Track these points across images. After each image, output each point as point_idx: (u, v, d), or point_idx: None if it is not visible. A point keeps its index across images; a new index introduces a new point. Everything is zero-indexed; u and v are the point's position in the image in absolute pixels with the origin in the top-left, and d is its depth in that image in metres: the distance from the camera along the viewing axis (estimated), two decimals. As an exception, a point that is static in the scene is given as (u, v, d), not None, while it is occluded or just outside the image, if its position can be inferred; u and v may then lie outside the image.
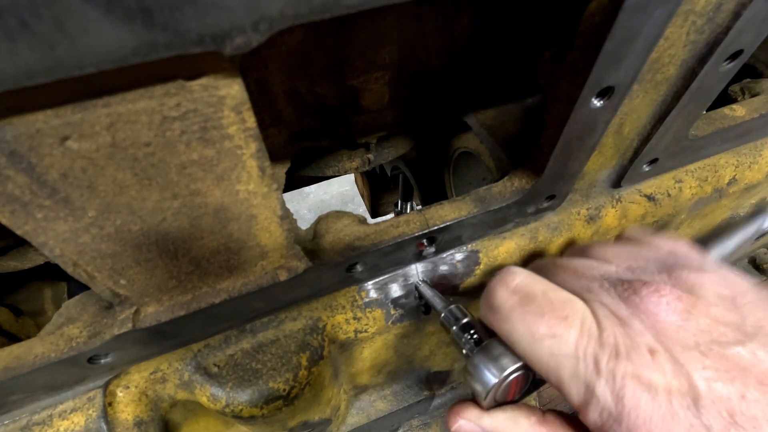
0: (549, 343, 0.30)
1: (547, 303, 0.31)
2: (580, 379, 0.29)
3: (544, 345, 0.30)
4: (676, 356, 0.27)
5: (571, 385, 0.29)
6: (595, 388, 0.28)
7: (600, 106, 0.33)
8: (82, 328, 0.34)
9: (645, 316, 0.29)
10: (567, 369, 0.29)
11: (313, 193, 2.97)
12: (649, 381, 0.26)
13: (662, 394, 0.26)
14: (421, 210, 0.41)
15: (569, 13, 0.30)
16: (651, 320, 0.28)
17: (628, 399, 0.26)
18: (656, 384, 0.26)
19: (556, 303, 0.31)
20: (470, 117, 0.47)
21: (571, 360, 0.29)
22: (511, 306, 0.33)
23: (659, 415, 0.26)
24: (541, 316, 0.31)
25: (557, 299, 0.31)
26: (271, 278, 0.36)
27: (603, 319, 0.29)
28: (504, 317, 0.33)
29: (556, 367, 0.30)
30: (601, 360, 0.28)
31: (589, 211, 0.50)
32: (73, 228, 0.25)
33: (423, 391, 0.74)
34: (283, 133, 0.41)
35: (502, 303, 0.33)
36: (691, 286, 0.30)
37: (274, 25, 0.18)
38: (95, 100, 0.20)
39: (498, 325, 0.34)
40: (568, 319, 0.30)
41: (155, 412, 0.42)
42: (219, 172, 0.26)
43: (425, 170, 0.78)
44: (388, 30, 0.35)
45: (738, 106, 0.50)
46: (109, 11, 0.15)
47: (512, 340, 0.33)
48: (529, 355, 0.31)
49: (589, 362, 0.28)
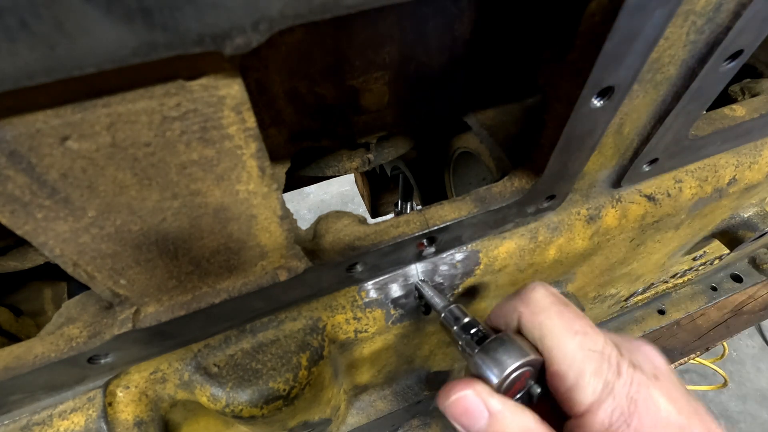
0: (581, 338, 0.33)
1: (581, 313, 0.36)
2: (602, 376, 0.32)
3: (576, 338, 0.33)
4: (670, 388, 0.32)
5: (590, 381, 0.31)
6: (614, 386, 0.31)
7: (600, 106, 0.33)
8: (82, 328, 0.34)
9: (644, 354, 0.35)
10: (592, 363, 0.32)
11: (313, 193, 2.97)
12: (657, 398, 0.31)
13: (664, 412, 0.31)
14: (421, 210, 0.41)
15: (569, 13, 0.30)
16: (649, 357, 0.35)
17: (641, 403, 0.30)
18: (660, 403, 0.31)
19: (586, 318, 0.36)
20: (470, 117, 0.47)
21: (598, 356, 0.32)
22: (550, 302, 0.36)
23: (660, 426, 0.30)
24: (577, 317, 0.35)
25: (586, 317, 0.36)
26: (271, 278, 0.36)
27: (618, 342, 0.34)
28: (542, 308, 0.35)
29: (583, 359, 0.32)
30: (622, 365, 0.32)
31: (589, 211, 0.50)
32: (73, 228, 0.24)
33: (423, 391, 0.74)
34: (283, 133, 0.41)
35: (542, 298, 0.36)
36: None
37: (274, 25, 0.18)
38: (95, 100, 0.20)
39: (532, 316, 0.36)
40: (596, 329, 0.34)
41: (155, 412, 0.42)
42: (219, 172, 0.26)
43: (425, 170, 0.78)
44: (388, 30, 0.35)
45: (738, 106, 0.50)
46: (109, 11, 0.15)
47: (544, 329, 0.35)
48: (557, 345, 0.34)
49: (612, 363, 0.32)
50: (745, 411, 2.24)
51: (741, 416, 2.22)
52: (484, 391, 0.34)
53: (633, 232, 0.55)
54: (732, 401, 2.27)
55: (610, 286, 0.76)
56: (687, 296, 1.10)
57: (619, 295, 0.86)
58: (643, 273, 0.77)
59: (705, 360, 1.63)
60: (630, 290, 0.86)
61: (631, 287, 0.84)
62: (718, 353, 1.57)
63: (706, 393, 2.23)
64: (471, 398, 0.33)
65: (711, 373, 2.25)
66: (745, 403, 2.26)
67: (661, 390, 0.31)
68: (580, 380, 0.32)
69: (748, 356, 2.42)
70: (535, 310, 0.35)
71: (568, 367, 0.32)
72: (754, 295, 1.14)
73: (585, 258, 0.56)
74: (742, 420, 2.21)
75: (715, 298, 1.10)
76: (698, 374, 2.28)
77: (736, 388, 2.30)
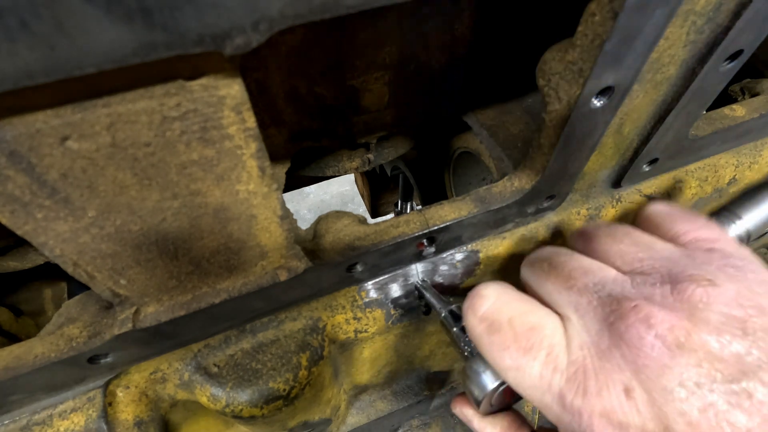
0: (513, 374, 0.30)
1: (512, 333, 0.31)
2: (546, 409, 0.29)
3: (509, 376, 0.30)
4: (654, 397, 0.24)
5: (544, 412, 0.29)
6: (560, 421, 0.28)
7: (600, 106, 0.33)
8: (82, 328, 0.34)
9: (627, 349, 0.26)
10: (533, 399, 0.29)
11: (313, 193, 2.97)
12: (619, 422, 0.25)
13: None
14: (421, 210, 0.41)
15: (569, 13, 0.30)
16: (633, 354, 0.26)
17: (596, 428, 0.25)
18: (628, 424, 0.24)
19: (520, 332, 0.30)
20: (470, 117, 0.47)
21: (536, 391, 0.29)
22: (479, 334, 0.33)
23: None
24: (505, 348, 0.30)
25: (522, 327, 0.31)
26: (271, 278, 0.36)
27: (576, 350, 0.28)
28: (475, 340, 0.33)
29: (525, 396, 0.30)
30: (566, 396, 0.27)
31: (589, 211, 0.50)
32: (73, 228, 0.24)
33: (423, 391, 0.74)
34: (283, 133, 0.41)
35: (472, 329, 0.34)
36: (695, 304, 0.26)
37: (274, 25, 0.18)
38: (95, 100, 0.20)
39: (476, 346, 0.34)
40: (532, 350, 0.29)
41: (155, 412, 0.42)
42: (219, 172, 0.26)
43: (425, 170, 0.78)
44: (388, 30, 0.35)
45: (738, 106, 0.50)
46: (109, 11, 0.15)
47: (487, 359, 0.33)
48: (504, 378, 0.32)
49: (554, 395, 0.28)
50: (745, 411, 2.23)
51: (741, 416, 2.22)
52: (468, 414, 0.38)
53: (633, 232, 0.55)
54: (732, 401, 2.26)
55: (610, 286, 0.76)
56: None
57: (619, 295, 0.85)
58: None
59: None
60: (630, 290, 0.86)
61: (631, 287, 0.84)
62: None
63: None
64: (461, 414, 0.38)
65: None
66: (745, 403, 2.26)
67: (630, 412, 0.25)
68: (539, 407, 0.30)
69: None
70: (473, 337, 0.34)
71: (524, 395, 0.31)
72: (754, 295, 1.14)
73: (585, 258, 0.56)
74: (742, 420, 2.21)
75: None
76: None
77: (736, 388, 2.30)
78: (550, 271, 0.34)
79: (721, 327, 0.25)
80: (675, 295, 0.27)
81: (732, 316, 0.25)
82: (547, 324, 0.30)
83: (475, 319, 0.33)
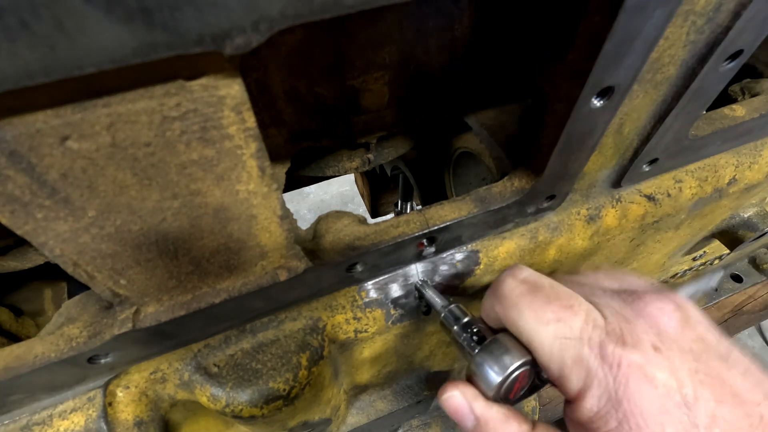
0: (554, 327, 0.31)
1: (554, 293, 0.33)
2: (583, 363, 0.30)
3: (550, 328, 0.31)
4: (673, 357, 0.29)
5: (572, 370, 0.30)
6: (597, 373, 0.29)
7: (600, 106, 0.33)
8: (82, 328, 0.34)
9: (649, 318, 0.31)
10: (571, 352, 0.30)
11: (313, 193, 2.97)
12: (652, 375, 0.28)
13: (661, 389, 0.28)
14: (421, 210, 0.41)
15: (569, 13, 0.30)
16: (653, 322, 0.31)
17: (632, 386, 0.28)
18: (657, 379, 0.28)
19: (562, 294, 0.33)
20: (470, 117, 0.47)
21: (576, 343, 0.30)
22: (519, 293, 0.34)
23: (656, 407, 0.27)
24: (548, 303, 0.32)
25: (563, 292, 0.33)
26: (271, 278, 0.36)
27: (609, 315, 0.31)
28: (512, 304, 0.34)
29: (560, 349, 0.31)
30: (607, 346, 0.29)
31: (589, 211, 0.50)
32: (73, 228, 0.24)
33: (423, 391, 0.74)
34: (283, 133, 0.41)
35: (511, 291, 0.34)
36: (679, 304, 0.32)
37: (274, 25, 0.18)
38: (95, 100, 0.20)
39: (504, 313, 0.34)
40: (574, 308, 0.32)
41: (155, 412, 0.42)
42: (219, 172, 0.26)
43: (425, 170, 0.78)
44: (388, 30, 0.35)
45: (738, 106, 0.50)
46: (109, 11, 0.15)
47: (518, 326, 0.33)
48: (534, 340, 0.32)
49: (594, 346, 0.30)
50: (745, 411, 2.24)
51: (741, 416, 2.22)
52: (470, 395, 0.35)
53: (633, 232, 0.55)
54: (732, 401, 2.27)
55: (610, 286, 0.76)
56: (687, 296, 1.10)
57: (619, 295, 0.85)
58: (643, 273, 0.77)
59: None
60: (630, 290, 0.86)
61: (631, 287, 0.84)
62: (718, 353, 1.57)
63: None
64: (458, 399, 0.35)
65: (711, 373, 2.25)
66: (745, 403, 2.26)
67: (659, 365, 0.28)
68: (563, 370, 0.31)
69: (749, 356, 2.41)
70: (507, 305, 0.34)
71: (548, 360, 0.32)
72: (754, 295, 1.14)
73: (585, 258, 0.56)
74: (742, 420, 2.21)
75: (715, 298, 1.10)
76: (698, 374, 2.28)
77: (736, 388, 2.30)
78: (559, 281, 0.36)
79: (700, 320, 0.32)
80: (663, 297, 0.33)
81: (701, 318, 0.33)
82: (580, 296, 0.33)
83: (516, 281, 0.35)
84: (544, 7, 0.39)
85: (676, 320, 0.31)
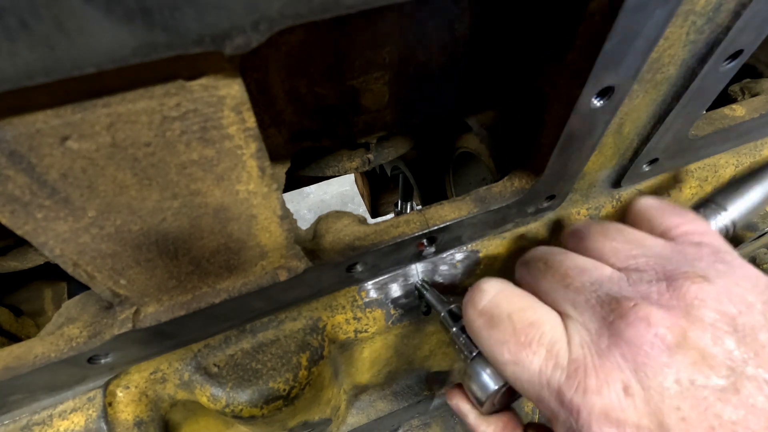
0: (512, 369, 0.30)
1: (511, 328, 0.31)
2: (544, 403, 0.29)
3: (508, 370, 0.31)
4: (651, 394, 0.25)
5: (538, 407, 0.30)
6: (559, 414, 0.28)
7: (600, 106, 0.33)
8: (82, 328, 0.34)
9: (627, 347, 0.26)
10: (531, 394, 0.29)
11: (313, 193, 2.97)
12: (617, 419, 0.25)
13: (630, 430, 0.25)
14: (421, 210, 0.41)
15: (569, 13, 0.30)
16: (633, 353, 0.26)
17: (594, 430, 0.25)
18: (625, 421, 0.25)
19: (519, 328, 0.30)
20: (470, 117, 0.47)
21: (535, 387, 0.29)
22: (478, 328, 0.33)
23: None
24: (504, 342, 0.31)
25: (522, 323, 0.31)
26: (271, 278, 0.36)
27: (577, 347, 0.28)
28: (474, 334, 0.34)
29: (521, 390, 0.30)
30: (565, 393, 0.27)
31: (589, 211, 0.50)
32: (73, 228, 0.24)
33: (423, 391, 0.74)
34: (283, 133, 0.41)
35: (472, 323, 0.34)
36: (690, 302, 0.27)
37: (274, 25, 0.18)
38: (95, 100, 0.20)
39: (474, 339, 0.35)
40: (532, 346, 0.29)
41: (155, 412, 0.42)
42: (219, 172, 0.26)
43: (425, 170, 0.78)
44: (388, 30, 0.35)
45: (738, 106, 0.50)
46: (109, 11, 0.15)
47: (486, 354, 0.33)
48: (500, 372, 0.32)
49: (552, 391, 0.28)
50: (745, 411, 2.24)
51: (741, 416, 2.22)
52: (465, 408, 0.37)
53: (633, 232, 0.55)
54: (732, 401, 2.27)
55: (610, 286, 0.76)
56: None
57: (619, 295, 0.85)
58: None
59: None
60: (630, 290, 0.86)
61: (631, 287, 0.84)
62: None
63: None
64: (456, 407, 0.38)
65: (711, 373, 2.24)
66: (745, 403, 2.26)
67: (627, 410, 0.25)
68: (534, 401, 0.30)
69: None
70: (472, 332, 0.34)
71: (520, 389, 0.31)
72: (754, 295, 1.14)
73: (585, 258, 0.56)
74: (742, 420, 2.21)
75: (715, 298, 1.09)
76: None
77: (736, 388, 2.30)
78: (546, 270, 0.34)
79: (715, 324, 0.26)
80: (671, 292, 0.28)
81: (724, 312, 0.26)
82: (546, 320, 0.31)
83: (475, 312, 0.33)
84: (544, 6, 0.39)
85: (664, 346, 0.26)
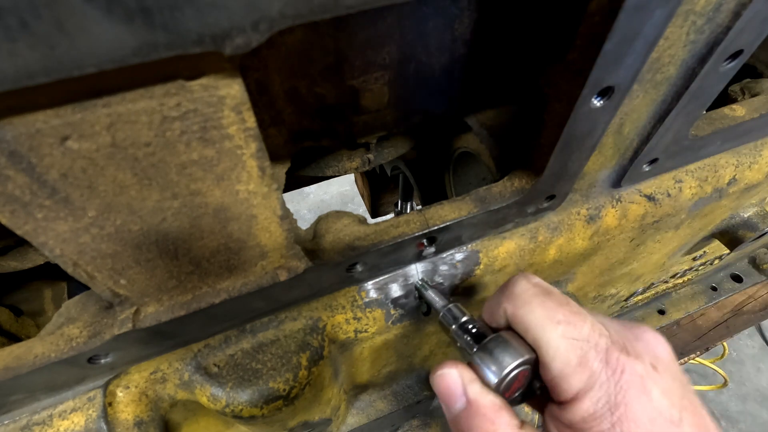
0: (564, 327, 0.33)
1: (564, 300, 0.35)
2: (588, 365, 0.31)
3: (559, 328, 0.33)
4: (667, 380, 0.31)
5: (575, 371, 0.31)
6: (600, 375, 0.31)
7: (600, 106, 0.33)
8: (82, 328, 0.34)
9: (646, 342, 0.34)
10: (577, 352, 0.32)
11: (313, 193, 2.97)
12: (650, 389, 0.30)
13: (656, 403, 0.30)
14: (421, 210, 0.41)
15: (569, 14, 0.30)
16: (650, 347, 0.34)
17: (631, 394, 0.30)
18: (653, 393, 0.30)
19: (571, 302, 0.35)
20: (470, 117, 0.47)
21: (583, 344, 0.32)
22: (533, 293, 0.35)
23: (648, 418, 0.30)
24: (559, 305, 0.34)
25: (572, 301, 0.35)
26: (271, 278, 0.36)
27: (612, 331, 0.33)
28: (524, 301, 0.35)
29: (567, 349, 0.32)
30: (612, 353, 0.31)
31: (589, 211, 0.50)
32: (73, 228, 0.24)
33: (423, 391, 0.74)
34: (283, 133, 0.41)
35: (525, 291, 0.36)
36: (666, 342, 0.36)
37: (274, 25, 0.18)
38: (95, 100, 0.20)
39: (514, 311, 0.35)
40: (582, 315, 0.34)
41: (155, 412, 0.42)
42: (219, 172, 0.26)
43: (425, 170, 0.78)
44: (388, 30, 0.35)
45: (738, 106, 0.50)
46: (109, 11, 0.15)
47: (527, 322, 0.34)
48: (542, 336, 0.33)
49: (600, 351, 0.31)
50: (745, 411, 2.24)
51: (741, 416, 2.22)
52: (467, 377, 0.35)
53: (633, 232, 0.55)
54: (732, 401, 2.27)
55: (610, 286, 0.76)
56: (687, 296, 1.10)
57: (619, 295, 0.86)
58: (643, 273, 0.77)
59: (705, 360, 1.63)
60: (630, 290, 0.86)
61: (631, 287, 0.84)
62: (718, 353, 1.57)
63: (706, 393, 2.24)
64: (453, 378, 0.35)
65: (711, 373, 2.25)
66: (745, 403, 2.27)
67: (656, 381, 0.31)
68: (565, 369, 0.32)
69: (748, 356, 2.42)
70: (518, 303, 0.35)
71: (552, 358, 0.32)
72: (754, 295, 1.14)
73: (585, 258, 0.56)
74: (742, 420, 2.21)
75: (715, 298, 1.10)
76: (698, 374, 2.28)
77: (736, 388, 2.30)
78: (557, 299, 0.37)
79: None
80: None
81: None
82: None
83: (529, 283, 0.36)
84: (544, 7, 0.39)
85: (668, 352, 0.34)
